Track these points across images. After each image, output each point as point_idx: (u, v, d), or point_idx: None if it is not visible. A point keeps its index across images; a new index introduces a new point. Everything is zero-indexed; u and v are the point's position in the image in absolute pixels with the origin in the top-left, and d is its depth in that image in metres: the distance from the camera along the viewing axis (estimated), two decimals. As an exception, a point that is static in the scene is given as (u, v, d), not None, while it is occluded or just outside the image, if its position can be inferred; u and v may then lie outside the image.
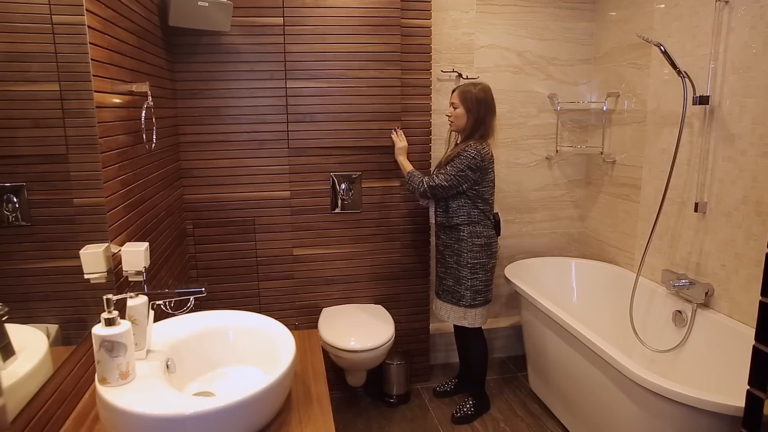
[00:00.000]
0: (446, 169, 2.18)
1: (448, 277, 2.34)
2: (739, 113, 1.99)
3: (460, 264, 2.28)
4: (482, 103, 2.19)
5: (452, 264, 2.31)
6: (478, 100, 2.18)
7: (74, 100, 1.21)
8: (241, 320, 1.37)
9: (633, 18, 2.58)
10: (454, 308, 2.34)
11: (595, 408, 2.04)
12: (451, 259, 2.31)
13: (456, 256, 2.29)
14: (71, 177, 1.19)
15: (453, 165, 2.17)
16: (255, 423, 1.07)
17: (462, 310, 2.32)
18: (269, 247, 2.50)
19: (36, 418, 1.00)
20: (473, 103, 2.18)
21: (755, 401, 1.21)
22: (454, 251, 2.29)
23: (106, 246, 1.34)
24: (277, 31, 2.32)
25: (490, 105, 2.21)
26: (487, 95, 2.20)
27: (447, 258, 2.33)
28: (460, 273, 2.29)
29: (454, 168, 2.16)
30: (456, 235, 2.28)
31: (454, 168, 2.16)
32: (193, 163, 2.36)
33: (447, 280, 2.34)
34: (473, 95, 2.19)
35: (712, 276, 2.15)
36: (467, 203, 2.23)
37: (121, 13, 1.54)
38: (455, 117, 2.24)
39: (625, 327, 2.52)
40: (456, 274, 2.30)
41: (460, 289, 2.30)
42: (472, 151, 2.14)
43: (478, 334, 2.40)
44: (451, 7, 2.68)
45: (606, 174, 2.87)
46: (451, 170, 2.17)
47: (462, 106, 2.21)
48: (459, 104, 2.21)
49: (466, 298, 2.29)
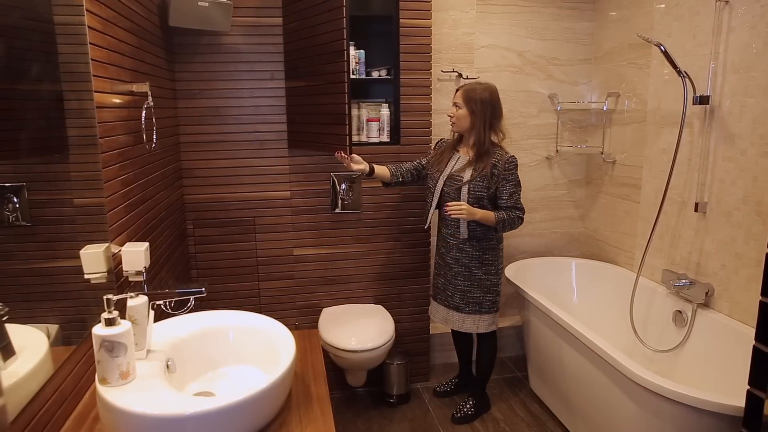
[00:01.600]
0: (509, 189, 2.10)
1: (474, 289, 2.24)
2: (740, 113, 1.99)
3: (490, 273, 2.23)
4: (487, 105, 2.10)
5: (480, 275, 2.22)
6: (483, 101, 2.10)
7: (74, 100, 1.21)
8: (242, 320, 1.37)
9: (633, 18, 2.58)
10: (484, 317, 2.27)
11: (595, 408, 2.04)
12: (479, 271, 2.22)
13: (485, 266, 2.22)
14: (71, 177, 1.19)
15: (512, 183, 2.10)
16: (255, 423, 1.07)
17: (492, 316, 2.29)
18: (270, 247, 2.50)
19: (36, 418, 1.00)
20: (477, 104, 2.10)
21: (755, 401, 1.21)
22: (484, 262, 2.21)
23: (106, 246, 1.34)
24: (277, 31, 2.32)
25: (497, 107, 2.13)
26: (492, 96, 2.12)
27: (474, 270, 2.22)
28: (491, 281, 2.24)
29: (514, 185, 2.11)
30: (486, 244, 2.20)
31: (514, 185, 2.11)
32: (194, 163, 2.36)
33: (474, 292, 2.24)
34: (477, 96, 2.10)
35: (712, 276, 2.15)
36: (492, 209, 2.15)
37: (121, 13, 1.54)
38: (457, 118, 2.15)
39: (625, 327, 2.52)
40: (486, 283, 2.24)
41: (490, 296, 2.26)
42: (516, 162, 2.11)
43: (495, 335, 2.39)
44: (451, 7, 2.68)
45: (606, 174, 2.87)
46: (513, 188, 2.11)
47: (465, 106, 2.12)
48: (462, 104, 2.13)
49: (496, 304, 2.29)
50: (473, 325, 2.28)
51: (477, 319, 2.27)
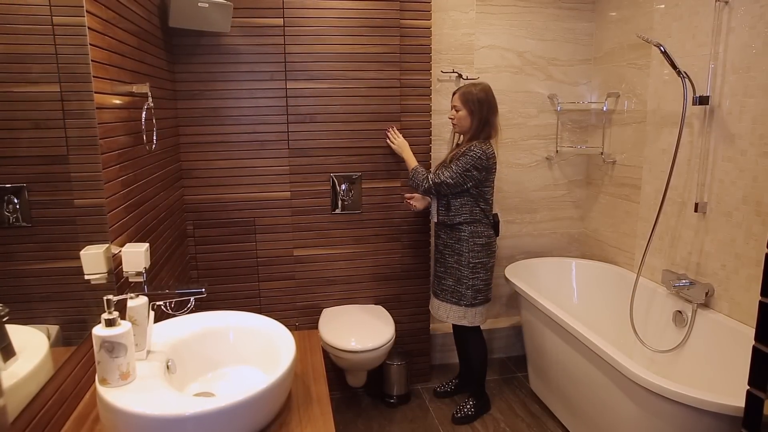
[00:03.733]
0: (451, 167, 2.18)
1: (447, 277, 2.33)
2: (739, 113, 1.99)
3: (461, 264, 2.28)
4: (484, 104, 2.19)
5: (452, 263, 2.31)
6: (480, 101, 2.19)
7: (75, 101, 1.21)
8: (242, 321, 1.37)
9: (633, 18, 2.58)
10: (453, 308, 2.33)
11: (595, 408, 2.04)
12: (452, 259, 2.31)
13: (457, 255, 2.29)
14: (72, 178, 1.20)
15: (458, 164, 2.17)
16: (255, 423, 1.07)
17: (462, 309, 2.32)
18: (270, 247, 2.50)
19: (36, 418, 1.00)
20: (476, 104, 2.19)
21: (755, 401, 1.21)
22: (455, 251, 2.29)
23: (106, 247, 1.34)
24: (277, 32, 2.33)
25: (493, 104, 2.22)
26: (488, 95, 2.21)
27: (447, 257, 2.33)
28: (461, 272, 2.29)
29: (460, 167, 2.16)
30: (457, 234, 2.28)
31: (459, 167, 2.16)
32: (194, 163, 2.36)
33: (447, 279, 2.34)
34: (475, 96, 2.19)
35: (712, 276, 2.15)
36: (470, 202, 2.23)
37: (121, 14, 1.55)
38: (458, 120, 2.24)
39: (625, 327, 2.52)
40: (457, 273, 2.30)
41: (461, 289, 2.30)
42: (478, 151, 2.15)
43: (477, 333, 2.40)
44: (451, 8, 2.69)
45: (606, 174, 2.87)
46: (457, 168, 2.16)
47: (464, 108, 2.21)
48: (461, 107, 2.22)
49: (467, 297, 2.30)
50: (444, 314, 2.37)
51: (448, 308, 2.35)
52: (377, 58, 2.43)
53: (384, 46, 2.43)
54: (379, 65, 2.44)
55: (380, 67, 2.44)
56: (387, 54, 2.44)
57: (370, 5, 2.38)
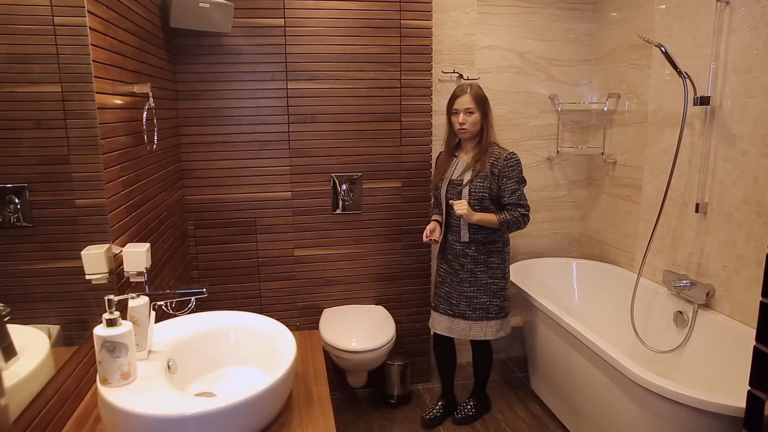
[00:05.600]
0: (511, 187, 2.06)
1: (480, 295, 2.19)
2: (740, 114, 1.99)
3: (496, 277, 2.19)
4: (487, 102, 2.12)
5: (486, 279, 2.18)
6: (485, 99, 2.11)
7: (76, 102, 1.22)
8: (242, 321, 1.37)
9: (634, 19, 2.58)
10: (491, 323, 2.22)
11: (596, 409, 2.04)
12: (485, 275, 2.18)
13: (491, 270, 2.18)
14: (73, 178, 1.20)
15: (513, 180, 2.06)
16: (256, 423, 1.07)
17: (500, 321, 2.23)
18: (270, 247, 2.50)
19: (38, 418, 1.00)
20: (486, 104, 2.11)
21: (756, 402, 1.21)
22: (489, 265, 2.17)
23: (107, 247, 1.34)
24: (278, 32, 2.33)
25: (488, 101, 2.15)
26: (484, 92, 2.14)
27: (479, 275, 2.18)
28: (497, 285, 2.20)
29: (516, 182, 2.07)
30: (491, 247, 2.16)
31: (515, 182, 2.07)
32: (195, 164, 2.36)
33: (480, 297, 2.19)
34: (483, 96, 2.11)
35: (713, 277, 2.14)
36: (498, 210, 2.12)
37: (122, 14, 1.55)
38: (471, 124, 2.09)
39: (626, 328, 2.52)
40: (492, 287, 2.20)
41: (498, 302, 2.21)
42: (516, 158, 2.08)
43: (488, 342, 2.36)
44: (452, 8, 2.69)
45: (607, 175, 2.87)
46: (515, 186, 2.07)
47: (479, 110, 2.09)
48: (475, 109, 2.08)
49: (506, 308, 2.24)
50: (480, 332, 2.22)
51: (484, 325, 2.22)
52: (378, 58, 2.43)
53: (385, 47, 2.43)
54: (380, 65, 2.44)
55: (381, 68, 2.45)
56: (388, 54, 2.44)
57: (371, 6, 2.38)
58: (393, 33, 2.43)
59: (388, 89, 2.47)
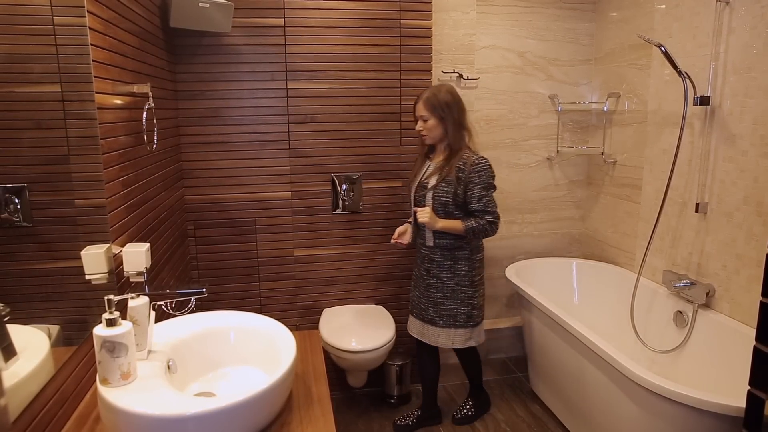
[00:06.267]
0: (477, 193, 1.98)
1: (447, 301, 2.13)
2: (740, 114, 1.99)
3: (463, 284, 2.11)
4: (453, 106, 2.01)
5: (452, 286, 2.11)
6: (448, 104, 2.00)
7: (76, 101, 1.22)
8: (242, 321, 1.37)
9: (634, 18, 2.58)
10: (458, 332, 2.15)
11: (596, 408, 2.04)
12: (451, 282, 2.11)
13: (458, 276, 2.11)
14: (73, 178, 1.20)
15: (479, 186, 1.98)
16: (256, 423, 1.07)
17: (467, 331, 2.15)
18: (270, 247, 2.51)
19: (38, 418, 1.00)
20: (444, 109, 2.00)
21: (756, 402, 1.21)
22: (455, 272, 2.11)
23: (107, 247, 1.34)
24: (278, 32, 2.33)
25: (461, 104, 2.05)
26: (454, 96, 2.03)
27: (446, 281, 2.12)
28: (465, 293, 2.12)
29: (483, 188, 1.98)
30: (458, 253, 2.09)
31: (482, 188, 1.98)
32: (194, 164, 2.36)
33: (447, 304, 2.13)
34: (442, 100, 2.00)
35: (713, 276, 2.14)
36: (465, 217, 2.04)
37: (122, 14, 1.55)
38: (428, 130, 2.04)
39: (626, 328, 2.52)
40: (459, 295, 2.12)
41: (465, 310, 2.13)
42: (485, 163, 1.99)
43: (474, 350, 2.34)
44: (452, 8, 2.69)
45: (607, 174, 2.87)
46: (482, 192, 1.98)
47: (433, 116, 2.01)
48: (429, 115, 2.01)
49: (474, 318, 2.15)
50: (448, 340, 2.15)
51: (452, 333, 2.15)
52: (378, 58, 2.43)
53: (384, 47, 2.43)
54: (380, 65, 2.44)
55: (381, 67, 2.45)
56: (387, 54, 2.44)
57: (371, 5, 2.38)
58: (393, 33, 2.43)
59: (388, 89, 2.47)
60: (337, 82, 2.42)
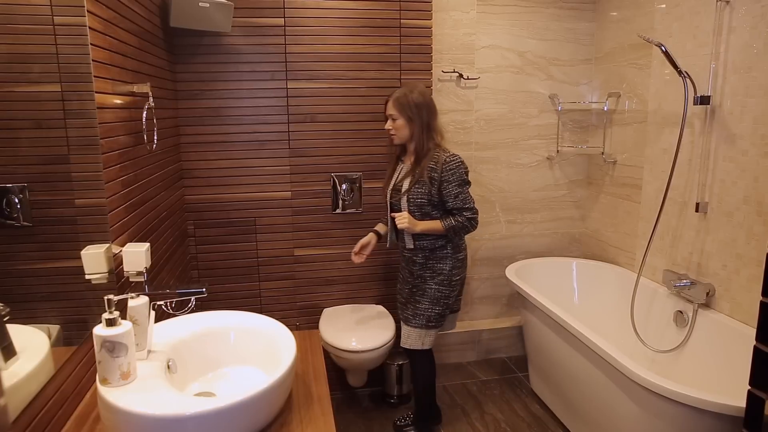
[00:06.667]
0: (453, 191, 1.94)
1: (424, 300, 2.06)
2: (740, 113, 1.99)
3: (441, 284, 2.05)
4: (423, 108, 1.97)
5: (433, 285, 2.05)
6: (417, 105, 1.96)
7: (75, 101, 1.22)
8: (242, 321, 1.37)
9: (634, 18, 2.58)
10: (418, 331, 2.08)
11: (596, 408, 2.04)
12: (433, 281, 2.05)
13: (439, 276, 2.05)
14: (72, 178, 1.20)
15: (453, 184, 1.94)
16: (256, 423, 1.07)
17: (423, 331, 2.07)
18: (270, 247, 2.50)
19: (37, 418, 1.00)
20: (413, 109, 1.96)
21: (756, 401, 1.21)
22: (437, 271, 2.05)
23: (107, 246, 1.34)
24: (278, 32, 2.33)
25: (432, 107, 2.00)
26: (425, 98, 1.99)
27: (428, 280, 2.06)
28: (441, 292, 2.05)
29: (457, 185, 1.94)
30: (439, 253, 2.04)
31: (457, 186, 1.94)
32: (194, 163, 2.36)
33: (422, 303, 2.06)
34: (411, 101, 1.96)
35: (713, 276, 2.14)
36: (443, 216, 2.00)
37: (122, 14, 1.55)
38: (396, 129, 2.00)
39: (626, 327, 2.52)
40: (435, 294, 2.05)
41: (436, 309, 2.06)
42: (457, 160, 1.94)
43: (430, 354, 2.16)
44: (452, 8, 2.69)
45: (607, 174, 2.87)
46: (458, 189, 1.94)
47: (401, 116, 1.97)
48: (398, 115, 1.98)
49: (435, 318, 2.06)
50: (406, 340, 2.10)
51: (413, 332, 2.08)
52: (378, 58, 2.43)
53: (384, 46, 2.43)
54: (380, 65, 2.44)
55: (381, 67, 2.44)
56: (387, 54, 2.44)
57: (371, 5, 2.38)
58: (393, 33, 2.43)
59: (388, 89, 2.46)
60: (337, 81, 2.42)
